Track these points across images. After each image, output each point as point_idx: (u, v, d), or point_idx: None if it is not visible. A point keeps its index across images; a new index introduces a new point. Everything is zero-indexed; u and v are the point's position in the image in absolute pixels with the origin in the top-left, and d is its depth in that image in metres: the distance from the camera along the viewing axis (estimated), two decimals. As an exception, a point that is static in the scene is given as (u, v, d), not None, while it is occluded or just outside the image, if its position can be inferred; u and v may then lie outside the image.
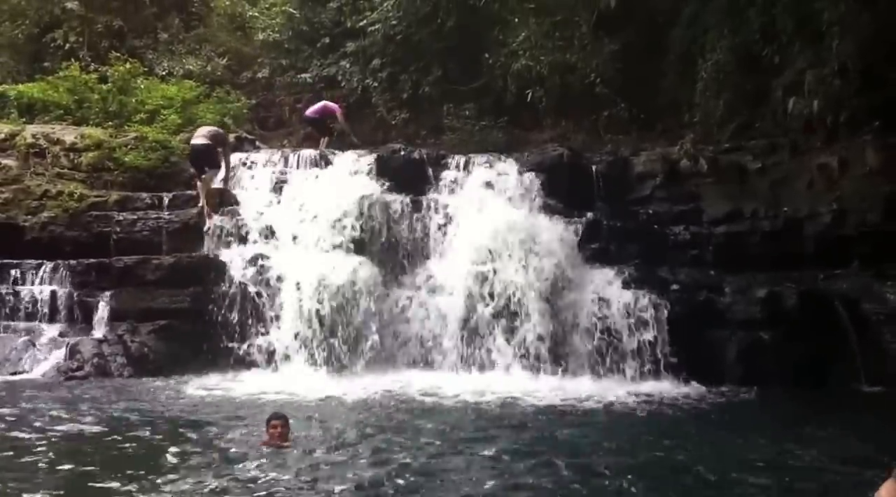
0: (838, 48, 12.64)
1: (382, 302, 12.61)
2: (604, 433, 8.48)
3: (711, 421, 9.53)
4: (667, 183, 14.43)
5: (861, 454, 7.37)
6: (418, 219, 13.69)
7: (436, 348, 12.32)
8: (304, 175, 14.60)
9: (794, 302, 12.04)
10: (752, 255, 13.14)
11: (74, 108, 17.09)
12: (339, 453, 7.43)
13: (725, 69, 14.85)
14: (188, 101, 17.53)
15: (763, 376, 11.44)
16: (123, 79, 17.57)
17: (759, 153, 14.18)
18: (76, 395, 10.37)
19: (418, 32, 19.26)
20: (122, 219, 13.86)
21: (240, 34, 22.30)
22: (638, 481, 6.52)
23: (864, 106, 12.91)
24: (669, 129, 16.43)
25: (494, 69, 18.40)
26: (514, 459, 7.24)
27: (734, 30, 14.70)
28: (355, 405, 10.00)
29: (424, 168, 14.67)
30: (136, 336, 12.40)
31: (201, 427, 8.50)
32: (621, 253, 13.34)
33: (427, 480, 6.54)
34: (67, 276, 13.19)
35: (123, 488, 6.22)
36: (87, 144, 15.27)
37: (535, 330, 12.15)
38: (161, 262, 13.00)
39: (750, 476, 6.84)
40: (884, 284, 12.26)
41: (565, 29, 17.74)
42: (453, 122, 18.32)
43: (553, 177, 14.28)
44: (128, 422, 8.71)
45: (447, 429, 8.51)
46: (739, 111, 15.11)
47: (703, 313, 12.19)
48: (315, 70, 20.25)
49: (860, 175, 13.03)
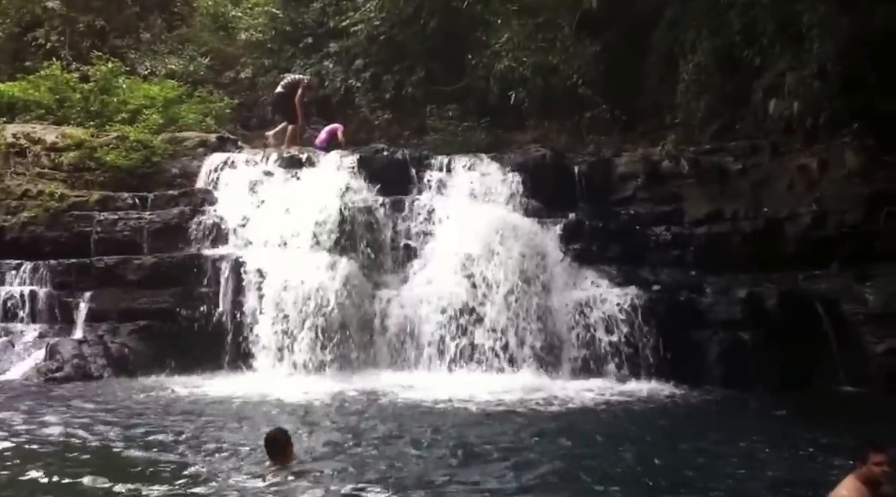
0: (818, 50, 12.74)
1: (364, 302, 12.58)
2: (579, 433, 8.49)
3: (690, 420, 9.59)
4: (648, 184, 14.48)
5: (832, 453, 7.43)
6: (400, 219, 13.67)
7: (417, 348, 12.31)
8: (285, 175, 14.54)
9: (775, 302, 12.11)
10: (733, 256, 13.21)
11: (56, 107, 16.99)
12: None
13: (706, 71, 14.93)
14: (170, 101, 17.46)
15: (744, 376, 11.51)
16: (105, 78, 17.48)
17: (740, 154, 14.25)
18: (51, 396, 10.29)
19: (401, 33, 19.27)
20: (103, 219, 13.79)
21: (222, 34, 22.18)
22: (604, 480, 6.57)
23: (843, 108, 13.00)
24: (651, 131, 16.50)
25: (477, 70, 18.42)
26: (487, 458, 7.25)
27: (715, 32, 14.78)
28: (336, 405, 9.94)
29: (407, 168, 14.68)
30: (116, 337, 12.36)
31: (176, 430, 8.39)
32: (603, 253, 13.39)
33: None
34: (48, 276, 13.12)
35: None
36: (68, 144, 15.19)
37: (517, 330, 12.15)
38: (142, 263, 12.96)
39: (723, 473, 6.91)
40: (863, 285, 12.34)
41: (548, 30, 17.78)
42: (436, 122, 18.33)
43: (536, 178, 14.32)
44: (98, 425, 8.59)
45: (426, 430, 8.47)
46: (720, 112, 15.19)
47: (685, 314, 12.25)
48: (298, 70, 20.13)
49: (840, 176, 13.12)
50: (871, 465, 5.39)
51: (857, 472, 5.47)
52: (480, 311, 12.32)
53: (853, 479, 5.47)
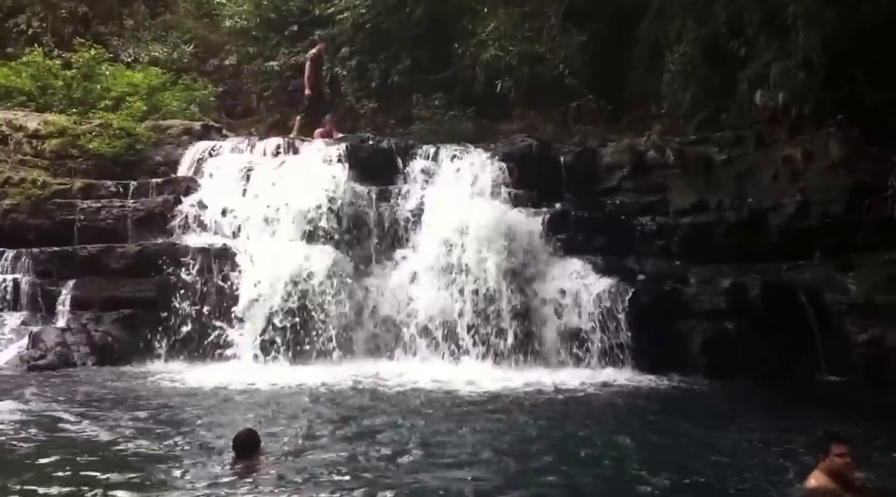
0: (804, 42, 12.81)
1: (350, 291, 12.56)
2: (559, 422, 8.51)
3: (673, 409, 9.60)
4: (634, 174, 14.53)
5: (813, 443, 7.48)
6: (387, 208, 13.64)
7: (401, 338, 12.31)
8: (271, 164, 14.47)
9: (758, 292, 12.17)
10: (718, 246, 13.26)
11: (38, 94, 16.84)
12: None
13: (692, 61, 15.00)
14: (154, 89, 17.35)
15: (727, 366, 11.55)
16: (88, 65, 17.34)
17: (725, 145, 14.32)
18: (32, 383, 10.22)
19: (387, 21, 19.20)
20: (86, 206, 13.69)
21: (206, 21, 22.05)
22: (582, 472, 6.60)
23: (828, 99, 13.08)
24: (637, 121, 16.55)
25: (464, 59, 18.39)
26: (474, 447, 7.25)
27: (701, 22, 14.83)
28: (317, 395, 9.87)
29: (393, 157, 14.64)
30: (99, 325, 12.28)
31: (150, 418, 8.32)
32: (589, 243, 13.41)
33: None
34: (30, 264, 13.01)
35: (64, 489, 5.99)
36: (50, 131, 15.06)
37: (503, 319, 12.17)
38: (126, 251, 12.87)
39: (702, 461, 6.96)
40: (846, 275, 12.46)
41: (535, 20, 17.77)
42: (422, 111, 18.29)
43: (522, 167, 14.32)
44: (69, 413, 8.52)
45: (405, 423, 8.36)
46: (706, 103, 15.25)
47: (669, 303, 12.28)
48: (283, 58, 20.11)
49: (823, 167, 13.21)
50: (833, 456, 5.53)
51: (822, 465, 5.62)
52: (464, 301, 12.31)
53: (819, 472, 5.62)
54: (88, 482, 6.11)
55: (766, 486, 6.31)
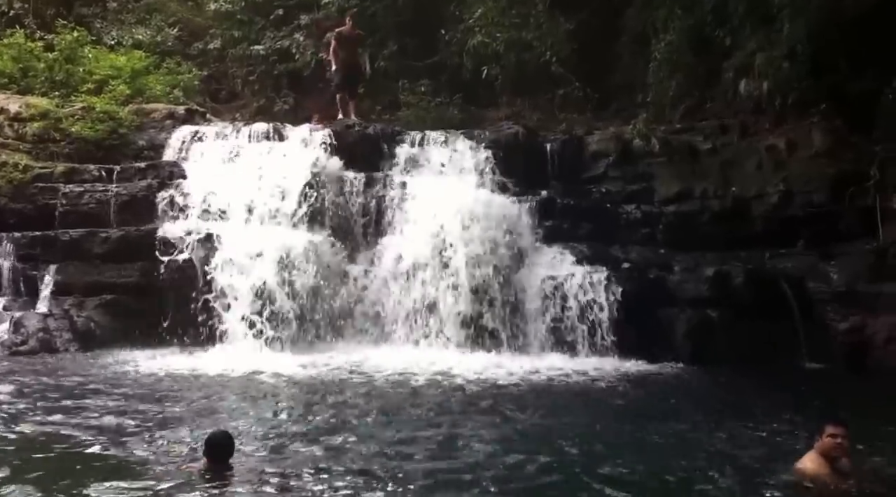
0: (788, 32, 12.87)
1: (336, 278, 12.55)
2: (543, 409, 8.54)
3: (657, 394, 9.68)
4: (620, 162, 14.61)
5: (792, 427, 7.60)
6: (373, 195, 13.61)
7: (388, 324, 12.32)
8: (256, 149, 14.39)
9: (741, 280, 12.23)
10: (702, 235, 13.37)
11: (19, 76, 16.65)
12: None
13: (678, 50, 15.03)
14: (137, 72, 17.19)
15: (711, 354, 11.64)
16: (70, 47, 17.17)
17: (710, 134, 14.40)
18: (8, 369, 10.12)
19: (373, 6, 19.12)
20: (68, 191, 13.55)
21: (191, 4, 21.85)
22: (567, 458, 6.63)
23: (812, 89, 13.18)
24: (623, 109, 16.59)
25: (451, 45, 18.35)
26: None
27: (687, 11, 14.86)
28: (300, 384, 9.81)
29: (380, 144, 14.61)
30: (82, 310, 12.20)
31: (123, 408, 8.08)
32: (574, 231, 13.47)
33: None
34: (11, 249, 12.86)
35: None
36: (32, 114, 14.90)
37: (488, 307, 12.20)
38: (108, 236, 12.78)
39: (688, 447, 7.01)
40: (828, 264, 12.58)
41: (522, 6, 17.76)
42: (409, 97, 18.24)
43: (508, 155, 14.34)
44: (40, 400, 8.35)
45: (388, 412, 8.26)
46: (691, 92, 15.33)
47: (654, 291, 12.34)
48: (268, 42, 19.97)
49: (807, 157, 13.31)
50: (825, 437, 5.63)
51: (816, 446, 5.74)
52: (450, 288, 12.32)
53: (814, 453, 5.74)
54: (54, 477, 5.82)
55: (755, 465, 6.37)
